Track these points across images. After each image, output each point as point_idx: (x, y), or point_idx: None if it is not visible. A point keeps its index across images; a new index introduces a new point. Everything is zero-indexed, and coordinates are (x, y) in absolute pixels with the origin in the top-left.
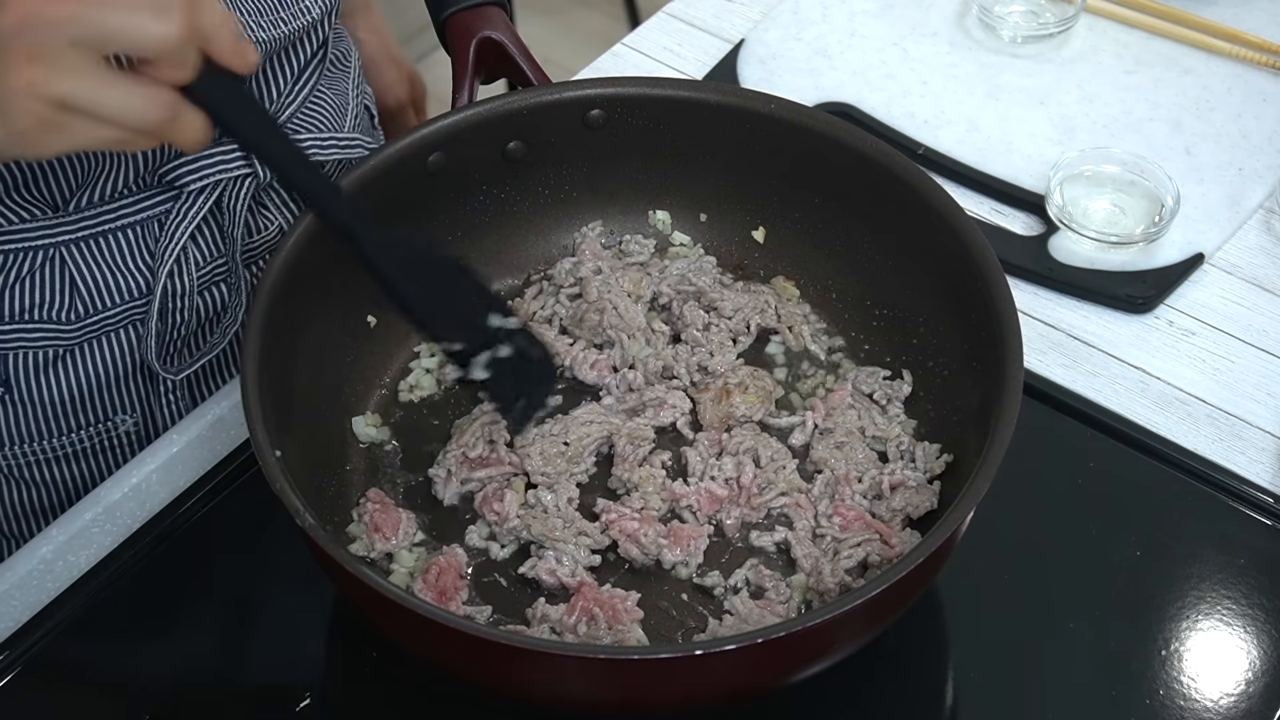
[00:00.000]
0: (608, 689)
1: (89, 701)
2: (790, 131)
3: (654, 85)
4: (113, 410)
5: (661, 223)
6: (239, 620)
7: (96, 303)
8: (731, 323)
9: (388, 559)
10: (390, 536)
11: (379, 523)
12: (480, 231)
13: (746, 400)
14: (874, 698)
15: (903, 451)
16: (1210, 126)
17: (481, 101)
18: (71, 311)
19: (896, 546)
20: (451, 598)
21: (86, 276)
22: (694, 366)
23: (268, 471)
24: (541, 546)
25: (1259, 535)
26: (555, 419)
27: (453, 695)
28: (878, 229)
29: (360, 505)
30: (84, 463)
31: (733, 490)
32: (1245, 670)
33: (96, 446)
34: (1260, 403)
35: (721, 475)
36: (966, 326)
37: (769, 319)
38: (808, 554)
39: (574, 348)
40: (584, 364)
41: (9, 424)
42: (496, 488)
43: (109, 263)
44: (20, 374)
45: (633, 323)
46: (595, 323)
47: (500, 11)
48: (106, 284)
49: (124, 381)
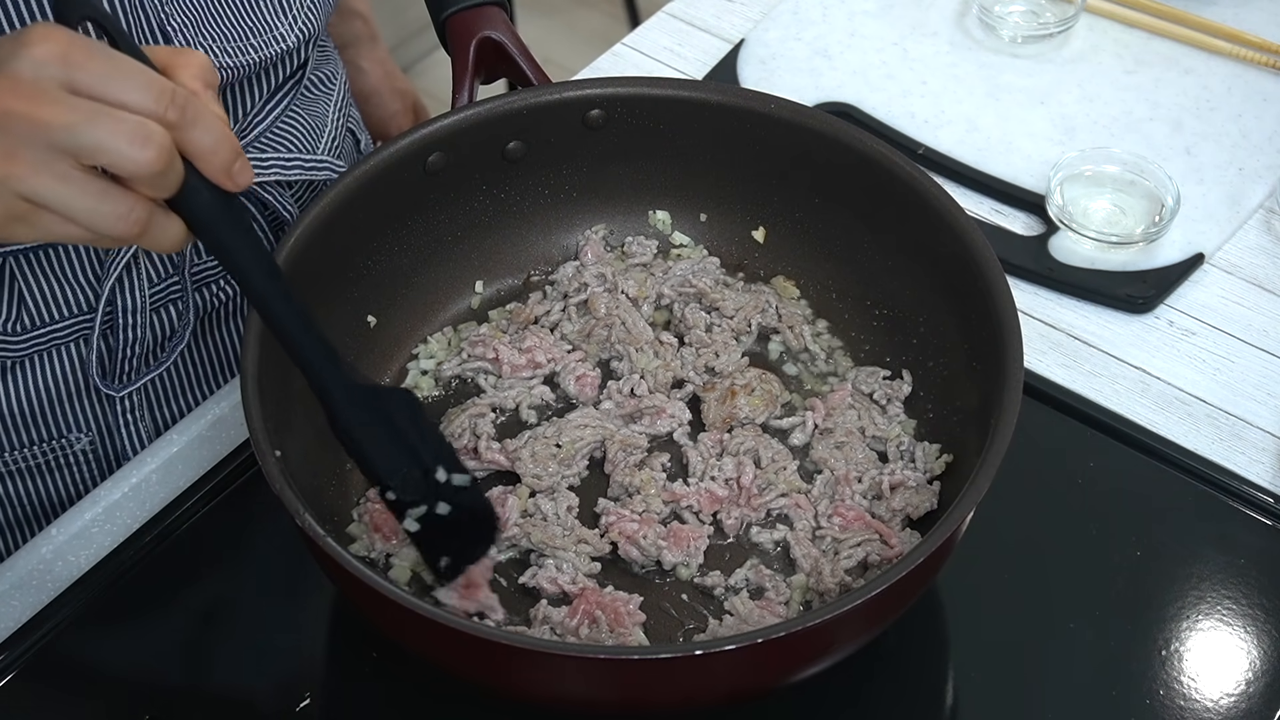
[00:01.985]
0: (607, 689)
1: (89, 701)
2: (790, 132)
3: (654, 85)
4: (65, 428)
5: (662, 223)
6: (239, 620)
7: (44, 314)
8: (733, 322)
9: (388, 559)
10: (390, 536)
11: (379, 522)
12: (480, 231)
13: (751, 403)
14: (874, 698)
15: (903, 451)
16: (1210, 126)
17: (481, 101)
18: (18, 323)
19: (896, 547)
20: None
21: (34, 287)
22: (701, 368)
23: (267, 471)
24: (542, 555)
25: (1259, 535)
26: (549, 421)
27: (453, 695)
28: (878, 229)
29: (360, 505)
30: (38, 479)
31: (733, 490)
32: (1245, 670)
33: (51, 463)
34: (1260, 403)
35: (722, 475)
36: (966, 327)
37: (770, 318)
38: (807, 554)
39: (570, 355)
40: (570, 374)
41: None
42: (499, 493)
43: (57, 275)
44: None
45: (640, 336)
46: (604, 338)
47: (500, 11)
48: (54, 296)
49: (75, 398)
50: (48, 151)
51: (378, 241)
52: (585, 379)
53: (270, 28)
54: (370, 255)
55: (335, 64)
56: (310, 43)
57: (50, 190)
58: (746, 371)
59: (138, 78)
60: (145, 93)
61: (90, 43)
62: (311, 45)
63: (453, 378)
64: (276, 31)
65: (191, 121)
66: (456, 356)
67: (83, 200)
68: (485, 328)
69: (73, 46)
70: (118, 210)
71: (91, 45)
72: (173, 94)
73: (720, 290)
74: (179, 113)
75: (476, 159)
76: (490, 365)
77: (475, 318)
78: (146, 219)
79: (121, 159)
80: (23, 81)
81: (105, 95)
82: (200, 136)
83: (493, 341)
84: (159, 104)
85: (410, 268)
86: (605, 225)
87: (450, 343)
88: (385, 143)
